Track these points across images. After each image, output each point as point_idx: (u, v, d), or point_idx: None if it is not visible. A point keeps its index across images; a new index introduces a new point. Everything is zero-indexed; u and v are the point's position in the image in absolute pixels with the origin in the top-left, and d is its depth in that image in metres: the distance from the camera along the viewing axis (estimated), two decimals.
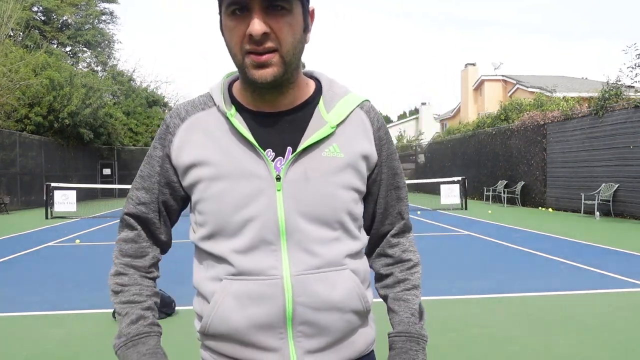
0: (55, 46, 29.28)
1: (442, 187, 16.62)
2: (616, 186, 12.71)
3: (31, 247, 8.74)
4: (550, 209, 15.73)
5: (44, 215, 14.42)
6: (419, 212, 15.11)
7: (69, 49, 31.18)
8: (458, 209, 16.29)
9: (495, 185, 19.09)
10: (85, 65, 31.72)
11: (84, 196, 21.35)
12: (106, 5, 32.61)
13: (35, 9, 28.70)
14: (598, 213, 12.86)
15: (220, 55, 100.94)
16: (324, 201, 0.97)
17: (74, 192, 15.03)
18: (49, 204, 14.50)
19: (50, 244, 9.22)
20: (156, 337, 1.00)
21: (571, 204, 14.77)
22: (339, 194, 0.98)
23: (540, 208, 16.32)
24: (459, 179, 17.08)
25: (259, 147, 0.96)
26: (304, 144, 0.97)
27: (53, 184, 15.04)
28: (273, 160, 0.97)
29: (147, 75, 57.80)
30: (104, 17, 32.62)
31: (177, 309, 4.57)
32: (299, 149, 0.97)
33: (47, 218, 14.18)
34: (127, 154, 28.31)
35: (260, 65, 0.91)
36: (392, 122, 46.55)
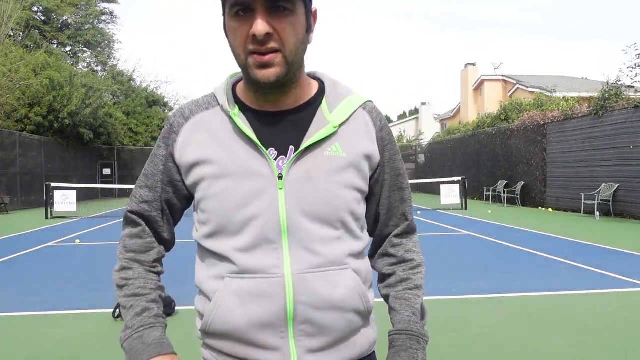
0: (55, 46, 29.28)
1: (442, 187, 16.62)
2: (616, 186, 12.72)
3: (31, 247, 8.73)
4: (550, 209, 15.73)
5: (44, 215, 14.42)
6: (419, 212, 15.11)
7: (69, 49, 31.19)
8: (458, 209, 16.29)
9: (495, 185, 19.09)
10: (85, 65, 31.74)
11: (84, 196, 21.35)
12: (106, 5, 32.65)
13: (35, 9, 28.70)
14: (598, 213, 12.86)
15: (220, 55, 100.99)
16: (325, 200, 0.97)
17: (74, 192, 15.03)
18: (49, 204, 14.50)
19: (50, 244, 9.21)
20: (161, 328, 1.00)
21: (571, 204, 14.77)
22: (341, 193, 0.98)
23: (540, 208, 16.31)
24: (459, 179, 17.08)
25: (262, 146, 0.96)
26: (306, 143, 0.97)
27: (53, 184, 15.04)
28: (275, 159, 0.97)
29: (147, 75, 57.84)
30: (104, 17, 32.66)
31: (177, 309, 4.57)
32: (301, 147, 0.97)
33: (47, 218, 14.18)
34: (127, 154, 28.31)
35: (263, 65, 0.92)
36: (392, 122, 46.52)
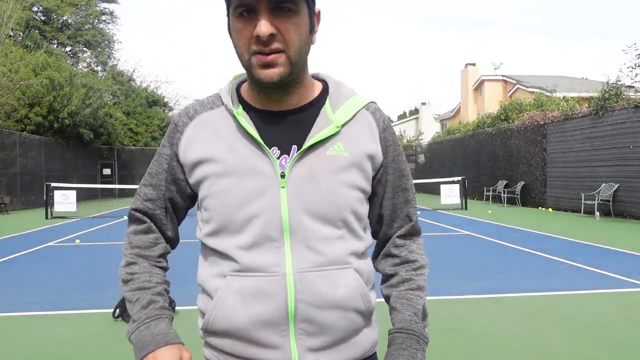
0: (55, 46, 29.28)
1: (442, 187, 16.61)
2: (616, 186, 12.71)
3: (31, 247, 8.73)
4: (550, 209, 15.73)
5: (44, 215, 14.41)
6: (419, 212, 15.11)
7: (69, 49, 31.19)
8: (458, 209, 16.29)
9: (495, 185, 19.09)
10: (85, 65, 31.74)
11: (84, 196, 21.35)
12: (106, 5, 32.64)
13: (35, 9, 28.70)
14: (598, 213, 12.86)
15: (220, 55, 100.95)
16: (328, 199, 0.97)
17: (74, 192, 15.02)
18: (49, 204, 14.50)
19: (50, 244, 9.21)
20: (167, 319, 1.00)
21: (571, 204, 14.77)
22: (343, 192, 0.99)
23: (540, 208, 16.31)
24: (459, 179, 17.08)
25: (265, 145, 0.97)
26: (309, 142, 0.98)
27: (53, 184, 15.03)
28: (278, 158, 0.98)
29: (147, 75, 57.83)
30: (104, 17, 32.65)
31: (177, 308, 4.57)
32: (304, 146, 0.97)
33: (47, 218, 14.18)
34: (127, 154, 28.31)
35: (267, 65, 0.92)
36: (392, 122, 46.50)
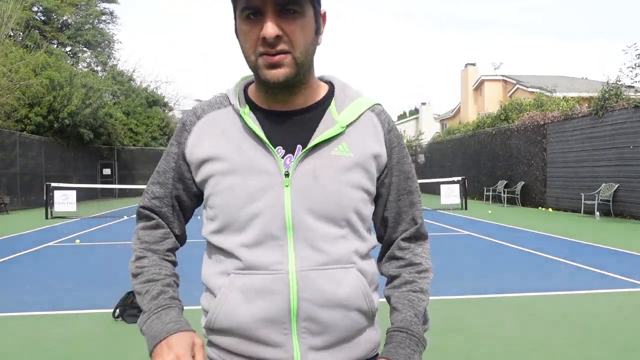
0: (55, 46, 29.29)
1: (442, 187, 16.61)
2: (616, 186, 12.72)
3: (31, 247, 8.73)
4: (550, 209, 15.73)
5: (44, 215, 14.41)
6: None
7: (69, 49, 31.19)
8: (458, 209, 16.29)
9: (495, 185, 19.10)
10: (85, 65, 31.75)
11: (84, 196, 21.35)
12: (106, 5, 32.66)
13: (35, 9, 28.71)
14: (598, 213, 12.86)
15: (220, 55, 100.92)
16: (331, 199, 0.98)
17: (74, 192, 15.02)
18: (49, 204, 14.49)
19: (50, 244, 9.21)
20: (177, 308, 1.01)
21: (571, 204, 14.77)
22: (347, 192, 0.99)
23: (540, 208, 16.31)
24: (459, 179, 17.08)
25: (270, 144, 0.98)
26: (314, 141, 0.99)
27: (53, 184, 15.02)
28: (283, 157, 0.99)
29: (147, 75, 57.88)
30: (104, 17, 32.67)
31: None
32: (309, 146, 0.98)
33: (47, 218, 14.17)
34: (127, 154, 28.31)
35: (273, 66, 0.94)
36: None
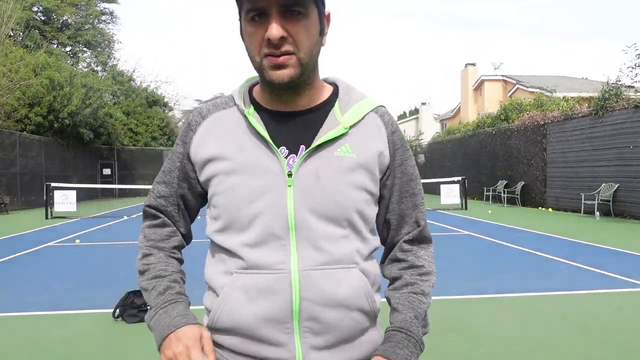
0: (55, 46, 29.29)
1: (442, 187, 16.61)
2: (616, 186, 12.72)
3: (31, 247, 8.73)
4: (550, 209, 15.73)
5: (44, 215, 14.41)
6: None
7: (69, 49, 31.20)
8: (458, 209, 16.29)
9: (495, 185, 19.10)
10: (85, 65, 31.75)
11: (84, 196, 21.35)
12: (106, 5, 32.67)
13: (35, 9, 28.71)
14: (598, 213, 12.86)
15: (220, 55, 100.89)
16: (333, 199, 0.98)
17: (74, 192, 15.01)
18: (49, 204, 14.49)
19: (50, 244, 9.21)
20: (184, 303, 1.02)
21: (571, 204, 14.77)
22: (349, 193, 1.00)
23: (540, 208, 16.31)
24: (459, 179, 17.08)
25: (273, 144, 0.99)
26: (317, 142, 0.99)
27: (53, 184, 15.02)
28: (286, 157, 1.00)
29: (147, 75, 57.92)
30: (104, 17, 32.68)
31: None
32: (312, 146, 0.99)
33: (47, 218, 14.17)
34: (127, 154, 28.31)
35: (278, 67, 0.95)
36: None
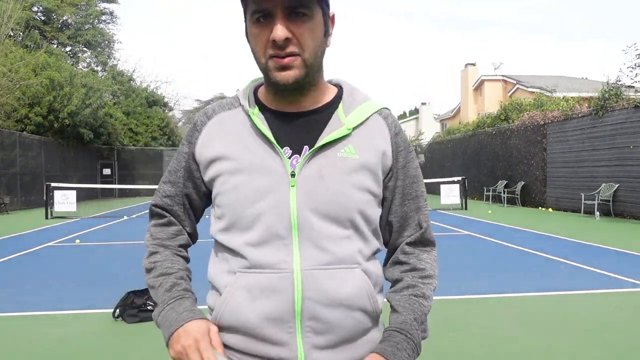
0: (55, 46, 29.27)
1: (442, 187, 16.61)
2: (616, 186, 12.71)
3: (31, 247, 8.73)
4: (550, 209, 15.72)
5: (44, 215, 14.40)
6: None
7: (69, 49, 31.18)
8: (458, 209, 16.29)
9: (495, 185, 19.09)
10: (85, 65, 31.73)
11: (84, 196, 21.35)
12: (106, 5, 32.64)
13: (35, 9, 28.69)
14: (598, 213, 12.85)
15: (220, 55, 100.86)
16: (336, 199, 0.99)
17: (74, 192, 15.01)
18: (49, 204, 14.49)
19: (50, 244, 9.20)
20: (190, 299, 1.04)
21: (571, 204, 14.77)
22: (351, 193, 1.00)
23: (540, 208, 16.31)
24: (459, 179, 17.08)
25: (277, 144, 1.00)
26: (320, 142, 1.00)
27: (53, 184, 15.01)
28: (290, 158, 1.00)
29: (147, 75, 57.92)
30: (104, 17, 32.66)
31: None
32: (315, 147, 1.00)
33: (47, 218, 14.17)
34: (127, 154, 28.31)
35: (283, 68, 0.95)
36: None
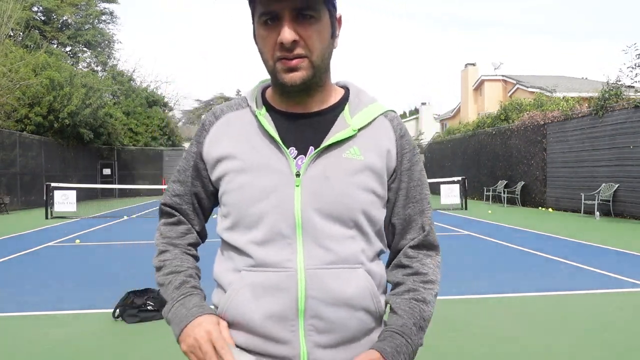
0: (55, 46, 29.26)
1: (442, 187, 16.61)
2: (616, 186, 12.71)
3: (31, 247, 8.73)
4: (550, 209, 15.72)
5: (44, 215, 14.40)
6: None
7: (69, 49, 31.17)
8: (458, 209, 16.28)
9: (495, 185, 19.09)
10: (85, 65, 31.73)
11: (84, 196, 21.35)
12: (106, 5, 32.64)
13: (35, 9, 28.69)
14: (598, 213, 12.85)
15: (220, 55, 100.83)
16: (340, 199, 0.99)
17: (74, 192, 15.01)
18: (49, 204, 14.49)
19: (50, 244, 9.20)
20: (199, 296, 1.05)
21: (571, 204, 14.77)
22: (355, 194, 1.01)
23: (540, 208, 16.31)
24: (459, 179, 17.07)
25: (283, 145, 1.01)
26: (325, 143, 1.01)
27: (53, 184, 15.01)
28: (295, 158, 1.01)
29: (147, 75, 57.90)
30: (104, 17, 32.65)
31: None
32: (320, 147, 1.00)
33: (47, 218, 14.16)
34: (127, 154, 28.30)
35: (290, 69, 0.96)
36: None
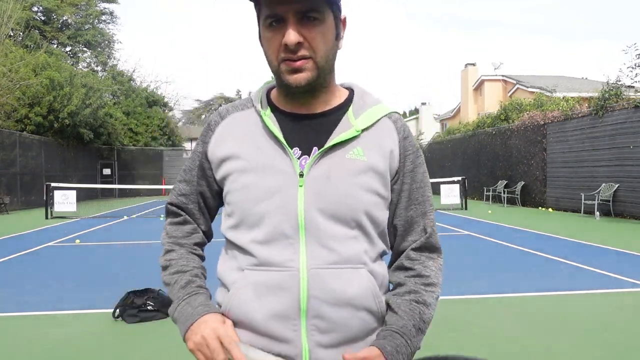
0: (55, 46, 29.27)
1: (442, 187, 16.61)
2: (616, 186, 12.71)
3: (31, 247, 8.72)
4: (550, 209, 15.72)
5: (44, 215, 14.40)
6: None
7: (69, 49, 31.18)
8: (458, 209, 16.28)
9: (495, 185, 19.09)
10: (85, 65, 31.73)
11: (84, 196, 21.35)
12: (106, 5, 32.65)
13: (35, 9, 28.69)
14: (598, 213, 12.85)
15: (220, 55, 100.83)
16: (342, 200, 1.00)
17: (74, 192, 15.02)
18: (49, 204, 14.49)
19: (50, 244, 9.20)
20: (205, 295, 1.06)
21: (571, 204, 14.77)
22: (358, 194, 1.01)
23: (540, 208, 16.31)
24: (459, 179, 17.08)
25: (287, 145, 1.01)
26: (329, 143, 1.01)
27: (53, 184, 15.02)
28: (299, 158, 1.02)
29: (147, 75, 57.92)
30: (104, 17, 32.66)
31: None
32: (324, 147, 1.01)
33: (47, 218, 14.16)
34: (127, 154, 28.31)
35: (295, 71, 0.97)
36: None
